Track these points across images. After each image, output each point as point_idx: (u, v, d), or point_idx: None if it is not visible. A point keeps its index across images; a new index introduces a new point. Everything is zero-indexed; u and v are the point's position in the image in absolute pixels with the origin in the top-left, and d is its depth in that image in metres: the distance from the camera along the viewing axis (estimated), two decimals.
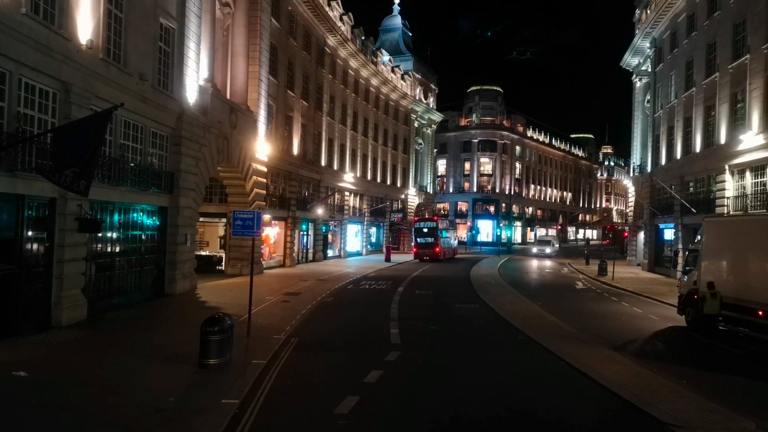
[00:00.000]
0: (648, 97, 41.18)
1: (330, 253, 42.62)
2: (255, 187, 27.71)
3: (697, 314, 15.42)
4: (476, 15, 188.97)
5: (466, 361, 11.89)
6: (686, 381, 10.46)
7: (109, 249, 16.67)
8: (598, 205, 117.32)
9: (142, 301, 17.75)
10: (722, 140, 26.55)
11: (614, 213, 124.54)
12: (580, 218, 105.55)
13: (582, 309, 19.83)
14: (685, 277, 17.58)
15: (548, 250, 56.20)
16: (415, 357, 12.03)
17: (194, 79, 20.90)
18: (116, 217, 16.86)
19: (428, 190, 65.77)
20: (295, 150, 34.59)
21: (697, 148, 29.57)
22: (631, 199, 43.74)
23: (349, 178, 43.81)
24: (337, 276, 29.18)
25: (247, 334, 13.04)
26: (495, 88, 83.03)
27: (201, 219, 28.76)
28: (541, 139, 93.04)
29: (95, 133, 11.53)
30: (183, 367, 10.26)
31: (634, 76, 43.80)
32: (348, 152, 44.99)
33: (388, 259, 41.62)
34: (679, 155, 32.21)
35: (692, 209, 29.13)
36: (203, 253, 28.86)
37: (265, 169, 29.05)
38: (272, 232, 32.37)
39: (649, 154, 38.01)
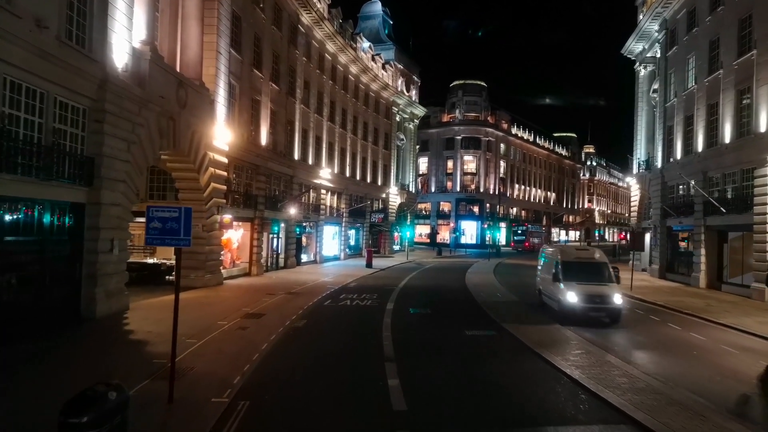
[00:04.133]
0: (655, 86, 37.56)
1: (304, 258, 37.95)
2: (212, 182, 22.94)
3: None
4: (460, 10, 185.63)
5: None
6: None
7: None
8: (580, 206, 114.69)
9: (41, 330, 12.91)
10: (762, 127, 22.79)
11: (596, 214, 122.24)
12: (564, 219, 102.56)
13: (628, 336, 15.63)
14: None
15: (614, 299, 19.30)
16: None
17: (125, 38, 16.11)
18: None
19: (410, 189, 61.51)
20: (263, 140, 29.86)
21: (726, 139, 25.82)
22: (635, 198, 40.13)
23: (325, 175, 39.23)
24: (311, 287, 24.58)
25: (169, 398, 8.42)
26: (479, 82, 79.27)
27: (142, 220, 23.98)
28: (525, 137, 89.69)
29: None
30: None
31: (638, 64, 40.19)
32: (325, 145, 40.37)
33: (369, 265, 37.14)
34: (700, 147, 28.47)
35: (721, 208, 25.36)
36: (150, 261, 24.00)
37: (225, 160, 24.30)
38: (235, 236, 27.57)
39: (659, 148, 34.32)
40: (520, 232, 75.25)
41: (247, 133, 27.75)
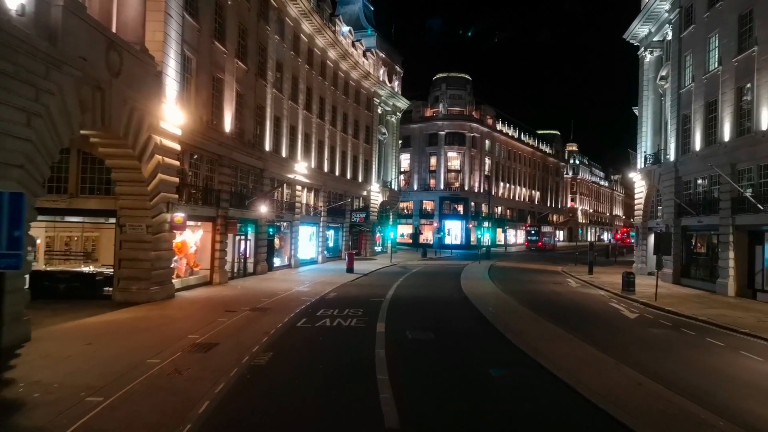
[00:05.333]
0: (662, 72, 34.33)
1: (277, 262, 33.73)
2: (159, 172, 18.64)
3: None
4: (445, 3, 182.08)
5: None
6: None
7: None
8: (563, 205, 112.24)
9: None
10: None
11: (579, 213, 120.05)
12: (549, 218, 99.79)
13: (695, 367, 11.94)
14: None
15: None
16: None
17: None
18: None
19: (393, 187, 57.63)
20: (227, 126, 25.59)
21: (763, 125, 22.47)
22: (640, 195, 36.86)
23: (301, 169, 35.07)
24: (283, 300, 20.45)
25: None
26: (464, 75, 75.73)
27: (80, 219, 19.64)
28: (510, 134, 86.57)
29: None
30: None
31: (643, 49, 36.93)
32: (300, 136, 36.19)
33: (350, 269, 33.08)
34: (727, 136, 25.15)
35: (758, 205, 22.01)
36: (86, 269, 19.65)
37: (177, 146, 20.02)
38: (192, 238, 23.27)
39: (671, 140, 31.01)
40: (533, 232, 78.62)
41: (206, 117, 23.46)
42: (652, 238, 35.70)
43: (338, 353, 12.38)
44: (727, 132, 25.19)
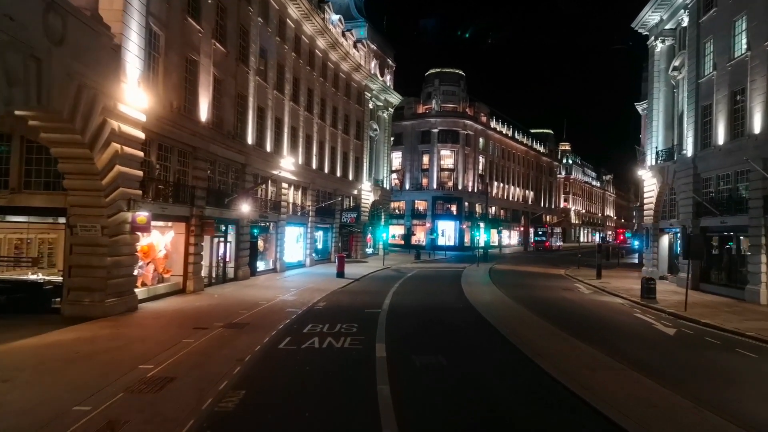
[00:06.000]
0: (676, 62, 32.02)
1: (261, 266, 30.93)
2: (117, 164, 15.83)
3: None
4: (437, 1, 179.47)
5: None
6: None
7: None
8: (555, 205, 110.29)
9: None
10: None
11: (572, 214, 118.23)
12: (543, 219, 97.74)
13: None
14: None
15: None
16: None
17: None
18: None
19: (384, 186, 54.98)
20: (203, 114, 22.77)
21: None
22: (650, 194, 34.51)
23: (287, 165, 32.29)
24: (265, 312, 17.71)
25: None
26: (457, 71, 73.26)
27: (25, 219, 16.75)
28: (504, 132, 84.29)
29: None
30: None
31: (653, 38, 34.61)
32: (287, 130, 33.42)
33: (341, 274, 30.35)
34: (757, 128, 22.81)
35: None
36: (31, 276, 16.79)
37: (141, 134, 17.20)
38: (162, 240, 20.43)
39: (689, 134, 28.68)
40: (541, 233, 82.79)
41: (178, 102, 20.63)
42: (665, 240, 33.45)
43: (330, 392, 9.67)
44: (757, 123, 22.85)
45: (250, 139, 28.14)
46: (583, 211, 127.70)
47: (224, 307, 18.56)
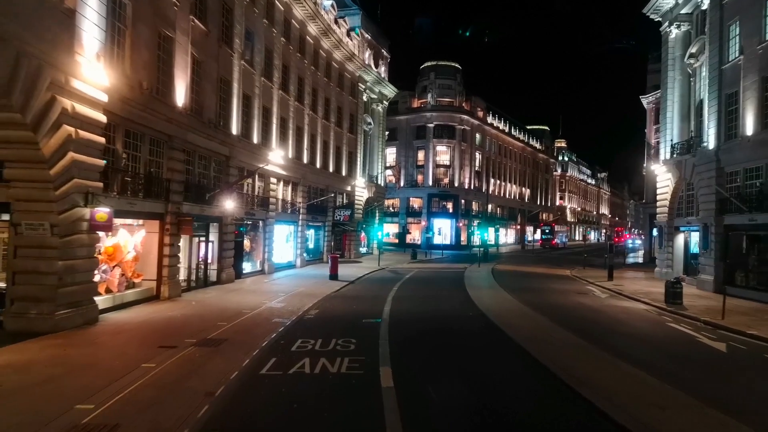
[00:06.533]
0: (692, 49, 29.88)
1: (248, 267, 28.50)
2: (71, 150, 13.34)
3: None
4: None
5: None
6: None
7: None
8: (553, 203, 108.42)
9: None
10: None
11: (568, 212, 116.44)
12: (540, 217, 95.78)
13: None
14: None
15: None
16: None
17: None
18: None
19: (379, 182, 52.60)
20: (180, 99, 20.26)
21: None
22: (664, 190, 32.35)
23: (276, 159, 29.83)
24: (247, 323, 15.30)
25: None
26: (453, 64, 70.90)
27: None
28: (501, 127, 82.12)
29: None
30: None
31: (667, 24, 32.45)
32: (275, 120, 30.95)
33: (334, 276, 27.97)
34: None
35: None
36: None
37: (102, 117, 14.71)
38: (131, 241, 17.91)
39: (711, 124, 26.52)
40: (547, 231, 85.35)
41: (149, 83, 18.11)
42: (680, 239, 31.34)
43: None
44: None
45: (234, 129, 25.66)
46: (579, 209, 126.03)
47: (201, 316, 16.14)
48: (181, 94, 20.24)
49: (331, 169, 40.43)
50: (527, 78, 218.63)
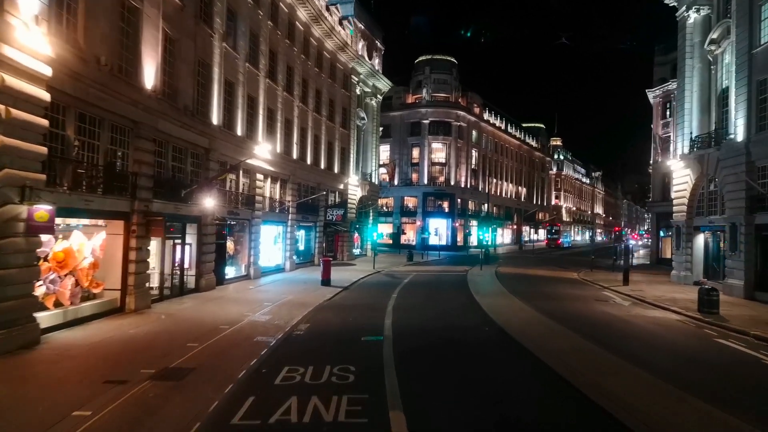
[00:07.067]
0: (714, 35, 27.63)
1: (231, 272, 25.88)
2: (1, 134, 10.70)
3: None
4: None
5: None
6: None
7: None
8: (549, 202, 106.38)
9: None
10: None
11: (563, 211, 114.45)
12: (537, 217, 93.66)
13: None
14: None
15: None
16: None
17: None
18: None
19: (373, 180, 50.03)
20: (148, 80, 17.58)
21: None
22: (682, 187, 30.02)
23: (263, 153, 27.18)
24: (222, 345, 12.70)
25: None
26: (449, 58, 68.48)
27: None
28: (497, 124, 79.85)
29: None
30: None
31: (684, 8, 30.18)
32: (262, 111, 28.33)
33: (326, 281, 25.40)
34: None
35: None
36: None
37: (45, 95, 12.03)
38: (86, 245, 15.20)
39: (740, 114, 24.25)
40: (553, 231, 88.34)
41: (109, 59, 15.40)
42: (700, 240, 29.07)
43: None
44: None
45: (215, 119, 23.02)
46: (574, 208, 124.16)
47: (170, 335, 13.55)
48: (150, 75, 17.57)
49: (322, 166, 37.83)
50: (522, 76, 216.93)
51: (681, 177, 30.18)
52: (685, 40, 30.17)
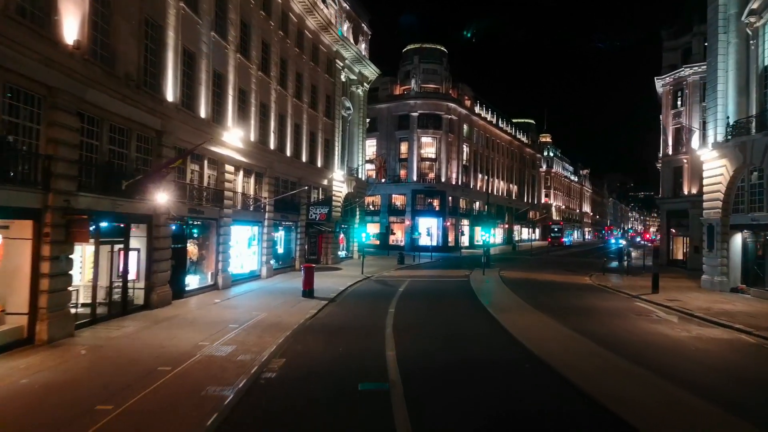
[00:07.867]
0: (755, 5, 24.03)
1: (194, 281, 21.55)
2: None
3: None
4: None
5: None
6: None
7: None
8: (538, 201, 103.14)
9: None
10: None
11: (553, 210, 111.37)
12: (529, 216, 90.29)
13: None
14: None
15: None
16: None
17: None
18: None
19: (360, 175, 45.81)
20: (68, 34, 13.18)
21: None
22: (715, 180, 26.25)
23: (233, 141, 22.99)
24: (150, 411, 8.42)
25: None
26: (439, 47, 64.50)
27: None
28: (489, 119, 76.13)
29: None
30: None
31: None
32: (232, 92, 24.00)
33: (309, 291, 21.14)
34: None
35: None
36: None
37: None
38: None
39: None
40: (556, 230, 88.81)
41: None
42: (737, 240, 25.42)
43: None
44: None
45: (170, 95, 18.65)
46: (563, 206, 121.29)
47: (77, 386, 9.27)
48: (71, 29, 13.18)
49: (304, 159, 33.54)
50: (512, 71, 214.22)
51: (714, 169, 26.46)
52: (717, 12, 26.48)
